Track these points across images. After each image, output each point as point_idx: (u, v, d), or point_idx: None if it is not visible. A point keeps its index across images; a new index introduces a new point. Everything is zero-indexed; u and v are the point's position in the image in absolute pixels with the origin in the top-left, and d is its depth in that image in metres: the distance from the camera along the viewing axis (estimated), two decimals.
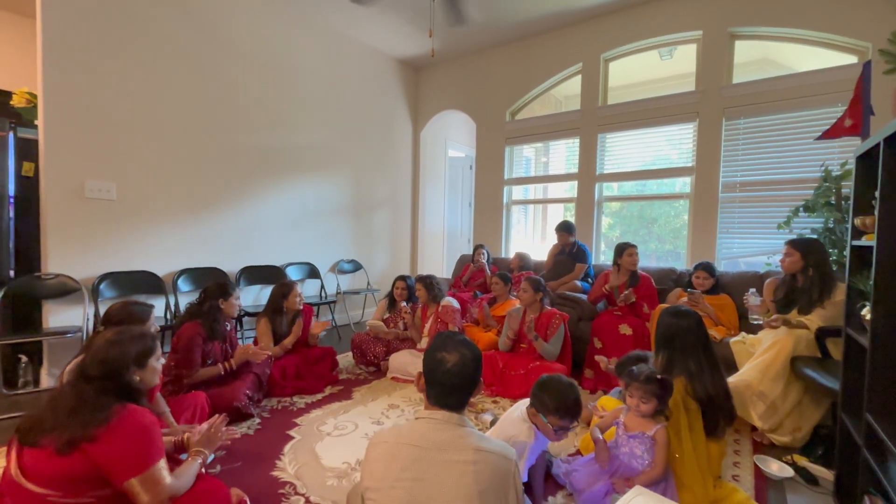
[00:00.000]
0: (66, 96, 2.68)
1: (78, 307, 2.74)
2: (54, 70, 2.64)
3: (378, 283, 4.86)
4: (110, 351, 1.27)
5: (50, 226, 2.66)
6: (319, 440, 2.07)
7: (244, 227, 3.66)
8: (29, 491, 1.10)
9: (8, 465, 1.14)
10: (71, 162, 2.71)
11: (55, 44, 2.64)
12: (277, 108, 3.87)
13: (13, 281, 2.59)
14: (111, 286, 2.85)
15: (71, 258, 2.73)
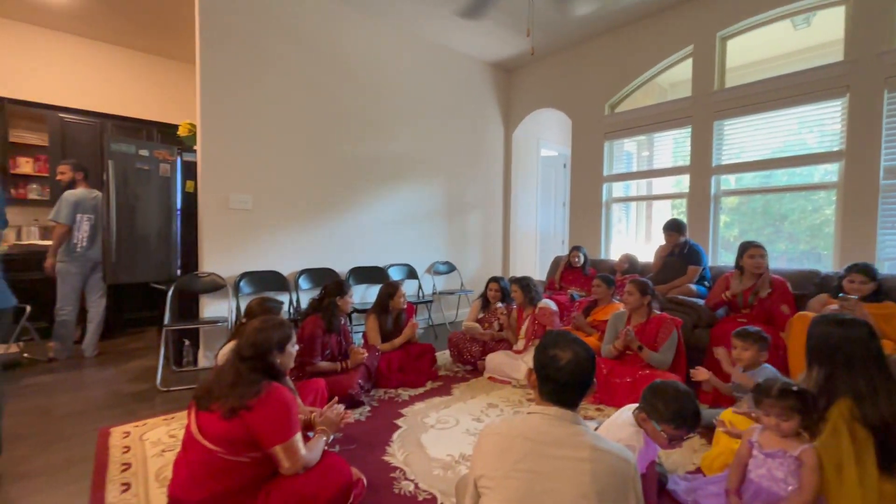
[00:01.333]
0: (217, 125, 3.21)
1: (224, 301, 3.26)
2: (209, 104, 3.18)
3: (471, 283, 4.95)
4: (258, 336, 1.49)
5: (205, 233, 3.20)
6: (424, 431, 2.17)
7: (353, 230, 4.01)
8: (203, 446, 1.34)
9: (189, 424, 1.40)
10: (219, 179, 3.24)
11: (210, 83, 3.18)
12: (378, 120, 4.17)
13: (179, 279, 3.16)
14: (248, 283, 3.33)
15: (219, 260, 3.25)
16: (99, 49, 4.62)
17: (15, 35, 4.20)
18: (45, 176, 4.26)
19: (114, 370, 3.18)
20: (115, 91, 4.71)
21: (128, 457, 1.93)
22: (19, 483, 1.76)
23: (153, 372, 3.05)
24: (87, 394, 2.73)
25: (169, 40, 4.59)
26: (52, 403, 2.57)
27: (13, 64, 4.18)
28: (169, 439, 2.10)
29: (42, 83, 4.31)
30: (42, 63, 4.33)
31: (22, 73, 4.22)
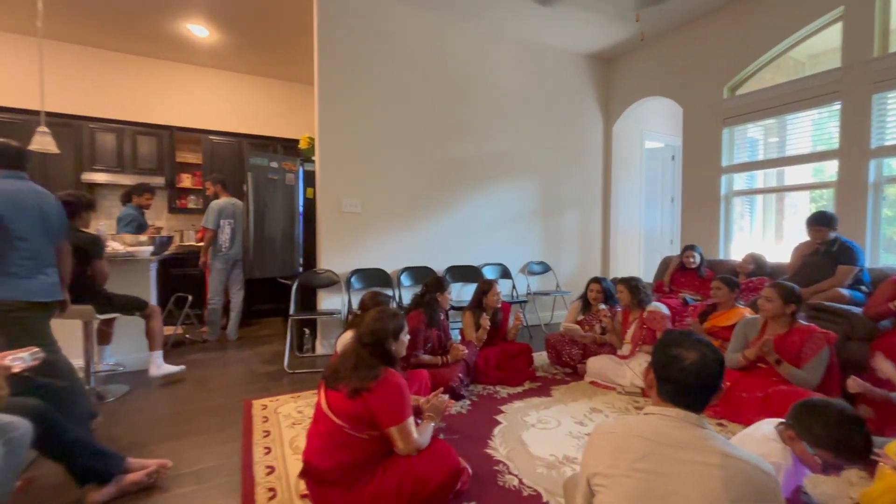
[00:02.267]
0: (332, 137, 3.57)
1: (338, 295, 3.60)
2: (326, 119, 3.55)
3: (567, 284, 4.78)
4: (376, 325, 1.63)
5: (322, 234, 3.58)
6: (525, 430, 2.17)
7: (449, 230, 4.15)
8: (331, 420, 1.50)
9: (319, 400, 1.58)
10: (334, 185, 3.59)
11: (326, 100, 3.55)
12: (473, 122, 4.26)
13: (301, 275, 3.57)
14: (358, 279, 3.63)
15: (334, 258, 3.60)
16: (236, 79, 5.43)
17: (177, 74, 5.14)
18: (199, 189, 5.13)
19: (250, 352, 3.70)
20: (248, 113, 5.50)
21: (267, 426, 2.25)
22: (188, 438, 2.15)
23: (280, 356, 3.48)
24: (231, 370, 3.23)
25: (291, 66, 5.22)
26: (207, 376, 3.09)
27: (178, 98, 5.13)
28: (297, 414, 2.39)
29: (197, 112, 5.20)
30: (196, 95, 5.23)
31: (183, 106, 5.15)
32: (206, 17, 4.12)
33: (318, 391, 1.62)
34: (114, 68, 4.82)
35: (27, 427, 1.24)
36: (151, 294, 3.22)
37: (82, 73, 4.66)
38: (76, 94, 4.58)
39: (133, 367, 3.13)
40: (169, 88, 5.09)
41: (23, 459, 1.26)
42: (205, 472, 1.85)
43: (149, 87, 5.00)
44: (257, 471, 1.82)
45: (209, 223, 3.88)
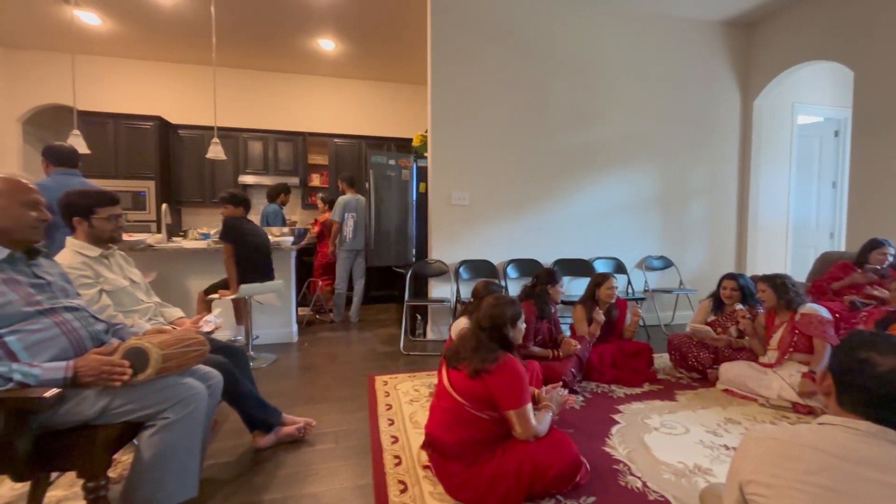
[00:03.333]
0: (443, 133, 3.72)
1: (447, 284, 3.75)
2: (438, 116, 3.70)
3: (692, 282, 4.30)
4: (495, 310, 1.67)
5: (433, 226, 3.76)
6: (647, 432, 2.03)
7: (557, 222, 4.03)
8: (453, 397, 1.59)
9: (442, 377, 1.68)
10: (444, 179, 3.74)
11: (438, 98, 3.70)
12: (586, 107, 4.05)
13: (414, 264, 3.79)
14: (466, 270, 3.74)
15: (443, 248, 3.76)
16: (355, 86, 5.95)
17: (308, 86, 5.81)
18: (326, 187, 5.77)
19: (369, 334, 4.07)
20: (366, 116, 6.00)
21: (389, 400, 2.46)
22: (325, 403, 2.45)
23: (396, 338, 3.76)
24: (355, 348, 3.58)
25: (404, 69, 5.55)
26: (336, 352, 3.47)
27: (309, 107, 5.81)
28: (413, 392, 2.57)
29: (324, 118, 5.84)
30: (323, 103, 5.87)
31: (313, 113, 5.82)
32: (333, 32, 4.58)
33: (440, 369, 1.72)
34: (261, 85, 5.65)
35: (219, 377, 1.54)
36: (291, 278, 3.73)
37: (239, 92, 5.55)
38: (235, 110, 5.48)
39: (269, 340, 3.66)
40: (302, 99, 5.80)
41: (217, 402, 1.57)
42: (340, 434, 2.10)
43: (286, 99, 5.75)
44: (384, 439, 2.01)
45: (336, 216, 4.33)
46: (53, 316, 1.24)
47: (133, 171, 4.92)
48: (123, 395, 1.22)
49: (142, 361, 1.23)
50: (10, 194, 1.20)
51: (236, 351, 1.97)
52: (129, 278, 1.85)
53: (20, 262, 1.25)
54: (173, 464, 1.28)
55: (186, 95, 5.42)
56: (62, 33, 4.52)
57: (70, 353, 1.24)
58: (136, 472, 1.26)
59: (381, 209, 3.96)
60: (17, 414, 1.07)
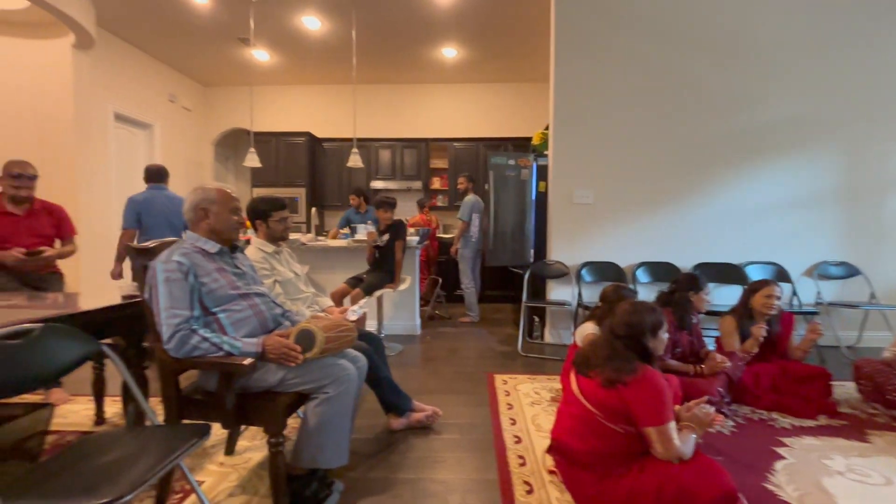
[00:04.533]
0: (565, 130, 3.59)
1: (567, 286, 3.62)
2: (560, 113, 3.59)
3: (890, 295, 3.41)
4: (632, 318, 1.55)
5: (553, 226, 3.65)
6: (826, 475, 1.68)
7: (699, 222, 3.58)
8: (584, 405, 1.52)
9: (570, 383, 1.63)
10: (566, 177, 3.60)
11: (562, 94, 3.58)
12: (740, 88, 3.51)
13: (532, 265, 3.74)
14: (589, 272, 3.56)
15: (564, 249, 3.63)
16: (474, 89, 6.10)
17: (430, 94, 6.14)
18: (446, 189, 6.04)
19: (486, 332, 4.13)
20: (484, 119, 6.10)
21: (509, 399, 2.47)
22: (449, 395, 2.57)
23: (513, 339, 3.76)
24: (474, 345, 3.68)
25: (523, 68, 5.51)
26: (455, 347, 3.61)
27: (430, 114, 6.14)
28: (534, 395, 2.53)
29: (444, 123, 6.11)
30: (444, 109, 6.14)
31: (434, 120, 6.13)
32: (456, 39, 4.77)
33: (564, 374, 1.67)
34: (390, 97, 6.16)
35: (365, 361, 1.73)
36: (415, 274, 3.99)
37: (372, 105, 6.13)
38: (369, 121, 6.07)
39: (396, 331, 3.95)
40: (425, 107, 6.16)
41: (362, 383, 1.77)
42: (464, 427, 2.17)
43: (411, 108, 6.17)
44: (507, 437, 2.03)
45: (463, 216, 4.44)
46: (248, 300, 1.53)
47: (289, 180, 5.81)
48: (295, 369, 1.45)
49: (309, 342, 1.45)
50: (222, 202, 1.52)
51: (375, 339, 2.18)
52: (293, 271, 2.19)
53: (226, 255, 1.58)
54: (331, 433, 1.48)
55: (329, 112, 6.19)
56: (242, 70, 5.55)
57: (258, 331, 1.52)
58: (303, 436, 1.48)
59: (499, 209, 3.99)
60: (226, 376, 1.35)
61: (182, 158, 5.83)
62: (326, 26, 4.46)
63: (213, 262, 1.49)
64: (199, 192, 1.51)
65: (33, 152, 3.39)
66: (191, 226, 1.53)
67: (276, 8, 4.09)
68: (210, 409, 1.43)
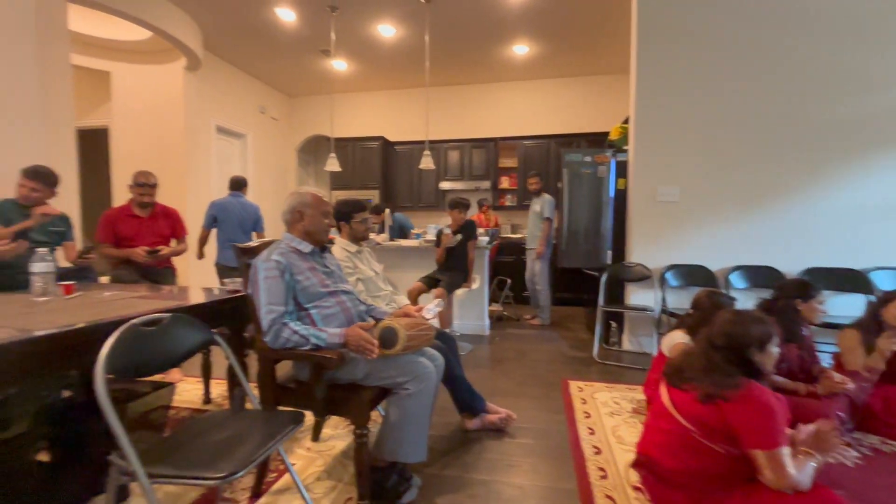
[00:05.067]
0: (648, 123, 3.36)
1: (649, 291, 3.38)
2: (642, 105, 3.37)
3: None
4: (734, 328, 1.41)
5: (633, 226, 3.43)
6: None
7: (806, 220, 3.15)
8: (677, 420, 1.41)
9: (660, 395, 1.51)
10: (648, 173, 3.37)
11: (644, 85, 3.35)
12: (850, 70, 3.03)
13: (609, 267, 3.55)
14: (675, 276, 3.29)
15: (646, 251, 3.40)
16: (545, 85, 5.93)
17: (499, 93, 6.09)
18: (514, 188, 5.95)
19: (558, 335, 4.00)
20: (556, 115, 5.92)
21: (586, 408, 2.36)
22: (521, 399, 2.52)
23: (586, 343, 3.61)
24: (545, 348, 3.58)
25: (599, 59, 5.25)
26: (525, 350, 3.54)
27: (500, 113, 6.09)
28: (613, 404, 2.40)
29: (514, 122, 6.02)
30: (514, 107, 6.05)
31: (504, 118, 6.07)
32: (527, 36, 4.67)
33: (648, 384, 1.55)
34: (460, 98, 6.21)
35: (442, 359, 1.76)
36: (485, 274, 3.97)
37: (443, 107, 6.22)
38: (439, 123, 6.16)
39: (465, 331, 3.96)
40: (494, 106, 6.12)
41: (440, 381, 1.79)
42: (538, 432, 2.12)
43: (480, 108, 6.16)
44: (585, 447, 1.94)
45: (550, 214, 4.26)
46: (336, 297, 1.62)
47: (364, 183, 6.09)
48: (379, 364, 1.51)
49: (392, 339, 1.50)
50: (315, 206, 1.62)
51: (449, 338, 2.21)
52: (373, 270, 2.29)
53: (316, 255, 1.68)
54: (410, 428, 1.52)
55: (401, 116, 6.39)
56: (322, 80, 5.93)
57: (345, 327, 1.60)
58: (385, 429, 1.54)
59: (573, 209, 3.85)
60: (317, 367, 1.44)
61: (269, 165, 6.37)
62: (400, 33, 4.61)
63: (306, 261, 1.60)
64: (295, 196, 1.62)
65: (153, 163, 3.90)
66: (287, 227, 1.66)
67: (355, 18, 4.30)
68: (302, 397, 1.54)
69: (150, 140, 4.65)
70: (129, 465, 1.01)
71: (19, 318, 1.34)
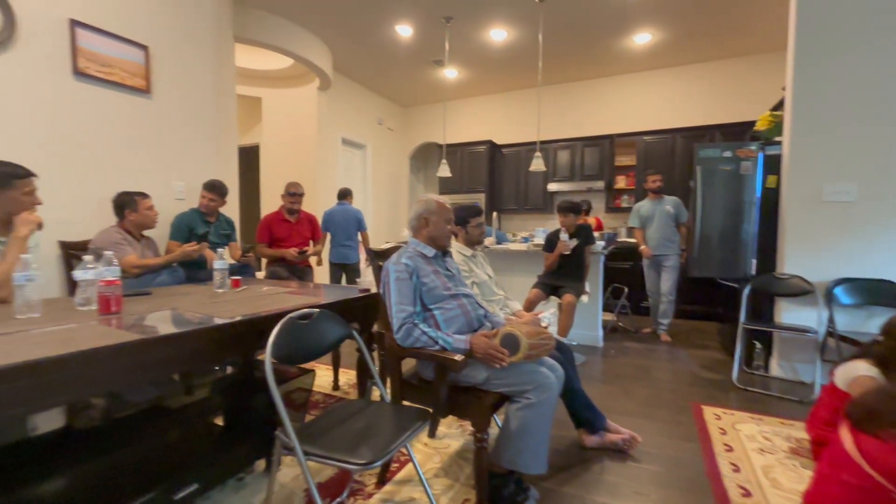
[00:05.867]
0: (810, 109, 2.81)
1: (808, 308, 2.83)
2: (802, 88, 2.83)
3: None
4: None
5: (788, 230, 2.91)
6: None
7: None
8: (867, 474, 1.14)
9: (841, 439, 1.24)
10: (811, 169, 2.82)
11: (804, 64, 2.82)
12: None
13: (754, 278, 3.05)
14: (847, 293, 2.70)
15: (805, 261, 2.85)
16: (670, 74, 5.36)
17: (616, 86, 5.68)
18: (632, 189, 5.50)
19: (684, 352, 3.58)
20: (681, 106, 5.32)
21: (726, 440, 2.06)
22: (645, 420, 2.30)
23: (721, 364, 3.17)
24: (670, 366, 3.22)
25: (737, 40, 4.58)
26: (646, 366, 3.23)
27: (616, 108, 5.68)
28: (763, 440, 2.05)
29: (632, 116, 5.57)
30: (632, 101, 5.60)
31: (621, 114, 5.65)
32: (650, 23, 4.28)
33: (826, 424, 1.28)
34: (571, 96, 5.95)
35: (562, 370, 1.69)
36: (599, 282, 3.73)
37: (552, 107, 6.04)
38: (548, 123, 5.99)
39: (575, 340, 3.75)
40: (610, 101, 5.74)
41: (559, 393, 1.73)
42: (668, 460, 1.91)
43: (594, 105, 5.83)
44: (728, 486, 1.69)
45: (686, 218, 3.91)
46: (457, 300, 1.66)
47: (471, 187, 6.20)
48: (500, 371, 1.50)
49: (514, 347, 1.48)
50: (440, 213, 1.69)
51: (566, 348, 2.11)
52: (487, 274, 2.30)
53: (439, 259, 1.75)
54: (531, 439, 1.48)
55: (509, 118, 6.36)
56: (433, 89, 6.19)
57: (465, 329, 1.64)
58: (504, 436, 1.52)
59: (706, 210, 3.39)
60: (441, 368, 1.49)
61: (385, 172, 6.86)
62: (512, 35, 4.59)
63: (430, 264, 1.67)
64: (422, 203, 1.71)
65: (291, 174, 4.48)
66: (412, 232, 1.75)
67: (468, 25, 4.40)
68: (425, 395, 1.61)
69: (289, 154, 5.36)
70: (289, 441, 1.16)
71: (205, 307, 1.64)
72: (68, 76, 2.48)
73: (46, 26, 2.39)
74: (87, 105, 2.57)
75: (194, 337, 1.27)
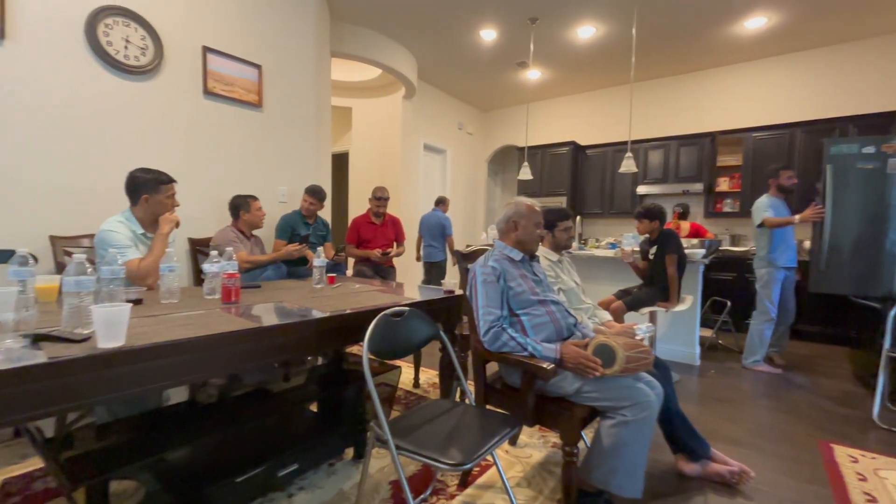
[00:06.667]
0: None
1: None
2: None
3: None
4: None
5: None
6: None
7: None
8: None
9: None
10: None
11: None
12: None
13: None
14: None
15: None
16: (787, 62, 4.72)
17: (719, 80, 5.13)
18: (736, 191, 4.93)
19: (805, 380, 3.10)
20: (799, 97, 4.65)
21: (867, 487, 1.74)
22: (757, 455, 2.02)
23: (854, 397, 2.71)
24: (787, 395, 2.81)
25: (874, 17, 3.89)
26: (756, 392, 2.85)
27: (720, 103, 5.14)
28: None
29: (739, 112, 5.00)
30: (739, 95, 5.02)
31: (725, 109, 5.10)
32: (768, 5, 3.80)
33: None
34: (666, 93, 5.51)
35: (661, 389, 1.55)
36: (697, 293, 3.38)
37: (644, 105, 5.64)
38: (638, 122, 5.61)
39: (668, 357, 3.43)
40: (711, 96, 5.21)
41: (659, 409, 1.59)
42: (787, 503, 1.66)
43: (692, 101, 5.33)
44: None
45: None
46: (546, 306, 1.61)
47: (552, 189, 6.02)
48: (592, 383, 1.42)
49: (609, 358, 1.39)
50: (529, 216, 1.65)
51: (663, 365, 1.94)
52: (574, 281, 2.20)
53: (526, 263, 1.71)
54: (625, 459, 1.37)
55: (594, 119, 6.07)
56: (514, 91, 6.13)
57: (554, 337, 1.58)
58: (595, 453, 1.43)
59: (838, 216, 2.92)
60: (529, 375, 1.45)
61: (464, 176, 6.93)
62: (601, 31, 4.37)
63: (517, 269, 1.64)
64: (511, 207, 1.68)
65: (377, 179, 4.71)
66: (500, 235, 1.73)
67: (554, 24, 4.28)
68: (509, 400, 1.57)
69: (375, 160, 5.65)
70: (383, 434, 1.20)
71: (308, 301, 1.77)
72: (200, 95, 2.86)
73: (186, 54, 2.78)
74: (213, 119, 2.95)
75: (301, 328, 1.37)
